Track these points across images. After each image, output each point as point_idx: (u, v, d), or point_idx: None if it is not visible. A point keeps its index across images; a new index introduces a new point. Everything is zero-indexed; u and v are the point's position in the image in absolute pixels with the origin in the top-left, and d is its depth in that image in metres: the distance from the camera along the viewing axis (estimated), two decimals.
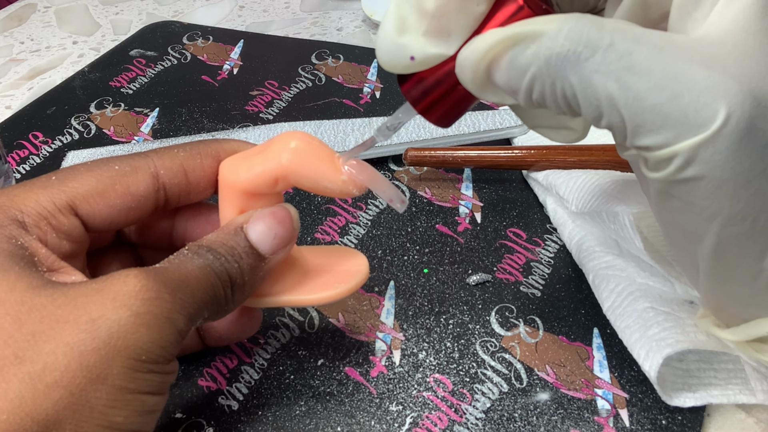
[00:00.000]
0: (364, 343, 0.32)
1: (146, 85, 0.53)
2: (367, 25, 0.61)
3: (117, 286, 0.21)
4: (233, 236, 0.25)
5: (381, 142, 0.25)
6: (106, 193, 0.25)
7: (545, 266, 0.35)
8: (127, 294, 0.21)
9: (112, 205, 0.25)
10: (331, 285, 0.27)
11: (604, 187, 0.33)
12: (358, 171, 0.25)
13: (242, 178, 0.26)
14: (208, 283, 0.23)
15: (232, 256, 0.24)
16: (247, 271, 0.25)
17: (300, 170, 0.25)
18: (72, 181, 0.25)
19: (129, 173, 0.25)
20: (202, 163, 0.27)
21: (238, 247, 0.25)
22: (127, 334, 0.21)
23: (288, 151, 0.25)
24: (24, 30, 0.66)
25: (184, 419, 0.29)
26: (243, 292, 0.25)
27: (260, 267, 0.25)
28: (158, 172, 0.26)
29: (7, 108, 0.54)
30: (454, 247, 0.37)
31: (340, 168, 0.25)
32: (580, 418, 0.28)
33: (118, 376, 0.20)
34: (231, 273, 0.24)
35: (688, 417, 0.28)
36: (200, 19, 0.65)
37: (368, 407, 0.29)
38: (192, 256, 0.24)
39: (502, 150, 0.39)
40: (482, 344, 0.32)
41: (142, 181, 0.26)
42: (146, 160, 0.26)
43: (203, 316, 0.24)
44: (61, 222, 0.24)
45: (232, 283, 0.24)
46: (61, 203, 0.24)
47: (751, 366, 0.27)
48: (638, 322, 0.29)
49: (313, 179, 0.25)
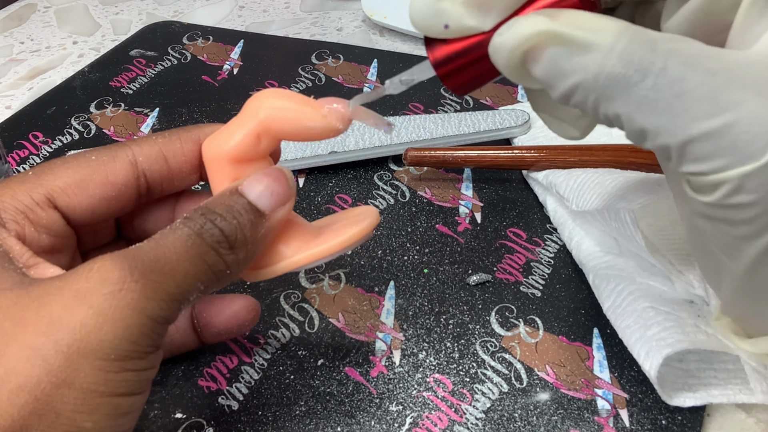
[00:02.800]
0: (364, 343, 0.32)
1: (146, 85, 0.53)
2: (367, 25, 0.61)
3: (79, 283, 0.20)
4: (230, 197, 0.24)
5: (391, 92, 0.25)
6: (84, 184, 0.25)
7: (545, 266, 0.35)
8: (89, 290, 0.20)
9: (91, 195, 0.25)
10: (341, 232, 0.26)
11: (605, 184, 0.33)
12: (339, 105, 0.24)
13: (225, 148, 0.25)
14: (195, 252, 0.22)
15: (229, 213, 0.23)
16: (248, 227, 0.23)
17: (279, 118, 0.24)
18: (49, 174, 0.24)
19: (106, 162, 0.25)
20: (182, 148, 0.26)
21: (236, 205, 0.23)
22: (90, 333, 0.20)
23: (263, 106, 0.24)
24: (24, 30, 0.66)
25: (184, 419, 0.29)
26: (245, 251, 0.24)
27: (261, 224, 0.24)
28: (136, 159, 0.26)
29: (7, 108, 0.54)
30: (454, 247, 0.37)
31: (320, 106, 0.24)
32: (580, 418, 0.28)
33: (86, 378, 0.19)
34: (227, 231, 0.23)
35: (688, 417, 0.28)
36: (200, 19, 0.65)
37: (368, 407, 0.29)
38: (178, 226, 0.22)
39: (502, 150, 0.39)
40: (482, 344, 0.32)
41: (120, 169, 0.25)
42: (124, 148, 0.26)
43: (197, 289, 0.22)
44: (39, 216, 0.24)
45: (231, 242, 0.23)
46: (39, 197, 0.24)
47: (751, 366, 0.27)
48: (638, 321, 0.29)
49: (293, 123, 0.24)
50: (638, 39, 0.18)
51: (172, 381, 0.31)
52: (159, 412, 0.30)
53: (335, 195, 0.41)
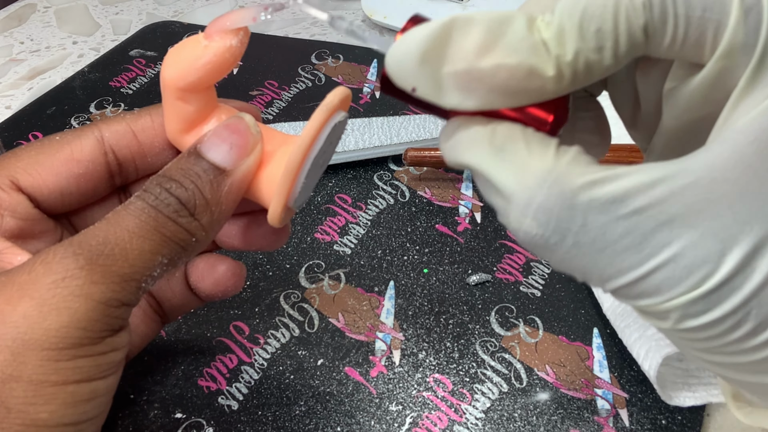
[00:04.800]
0: (364, 343, 0.32)
1: (146, 85, 0.53)
2: (367, 25, 0.61)
3: (22, 276, 0.20)
4: (187, 159, 0.23)
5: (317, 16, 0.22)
6: (48, 162, 0.24)
7: (545, 266, 0.35)
8: (31, 282, 0.20)
9: (56, 173, 0.24)
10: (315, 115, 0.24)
11: None
12: (217, 24, 0.23)
13: (168, 127, 0.25)
14: (150, 226, 0.21)
15: (186, 177, 0.22)
16: (208, 189, 0.22)
17: (177, 74, 0.23)
18: (11, 158, 0.24)
19: (71, 140, 0.25)
20: (152, 123, 0.26)
21: (194, 167, 0.23)
22: (35, 325, 0.19)
23: (162, 75, 0.24)
24: (24, 30, 0.66)
25: (184, 419, 0.29)
26: (209, 213, 0.23)
27: (223, 181, 0.23)
28: (103, 135, 0.25)
29: (7, 108, 0.54)
30: (454, 247, 0.37)
31: (203, 37, 0.23)
32: (579, 418, 0.28)
33: (34, 370, 0.19)
34: (184, 197, 0.22)
35: (688, 417, 0.28)
36: (200, 19, 0.65)
37: (368, 407, 0.29)
38: (132, 201, 0.22)
39: None
40: (482, 344, 0.32)
41: (86, 145, 0.25)
42: (90, 127, 0.25)
43: (159, 264, 0.22)
44: (1, 198, 0.23)
45: (190, 208, 0.22)
46: (1, 180, 0.24)
47: None
48: (638, 321, 0.29)
49: (190, 71, 0.23)
50: (557, 191, 0.16)
51: (172, 381, 0.31)
52: (159, 412, 0.30)
53: (335, 195, 0.41)
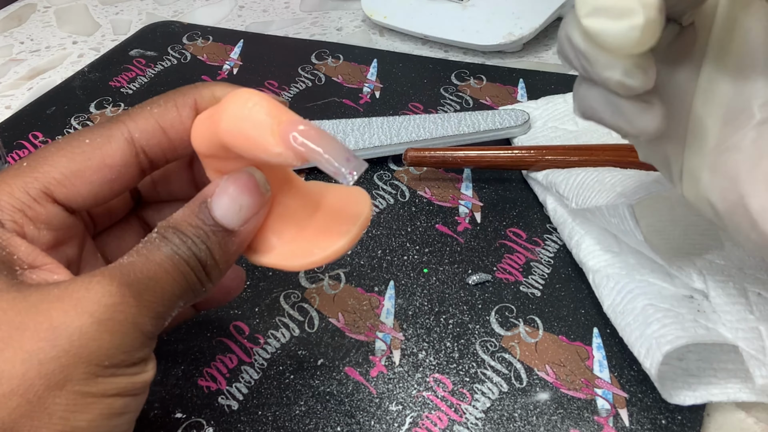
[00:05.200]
0: (364, 343, 0.32)
1: (146, 85, 0.53)
2: (367, 24, 0.61)
3: (80, 293, 0.21)
4: (199, 213, 0.23)
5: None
6: (81, 172, 0.24)
7: (545, 266, 0.35)
8: (90, 300, 0.21)
9: (90, 182, 0.24)
10: (331, 237, 0.24)
11: (604, 182, 0.33)
12: (307, 138, 0.21)
13: (201, 146, 0.24)
14: (178, 273, 0.22)
15: (198, 237, 0.23)
16: (217, 250, 0.23)
17: (235, 140, 0.22)
18: (43, 165, 0.24)
19: (102, 144, 0.24)
20: (179, 116, 0.25)
21: (204, 226, 0.23)
22: (89, 341, 0.20)
23: (228, 114, 0.22)
24: (24, 30, 0.66)
25: (184, 419, 0.29)
26: (218, 271, 0.24)
27: (230, 242, 0.24)
28: (133, 136, 0.24)
29: (7, 108, 0.54)
30: (454, 247, 0.37)
31: (281, 137, 0.21)
32: (579, 418, 0.28)
33: (78, 381, 0.20)
34: (200, 256, 0.23)
35: (688, 417, 0.28)
36: (200, 19, 0.65)
37: (368, 407, 0.29)
38: (159, 244, 0.22)
39: (502, 150, 0.39)
40: (482, 344, 0.32)
41: (117, 150, 0.24)
42: (118, 125, 0.24)
43: (178, 307, 0.23)
44: (38, 212, 0.23)
45: (203, 265, 0.23)
46: (35, 192, 0.23)
47: (750, 353, 0.27)
48: (638, 319, 0.29)
49: (247, 150, 0.22)
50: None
51: (172, 381, 0.31)
52: (159, 412, 0.30)
53: None
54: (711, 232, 0.33)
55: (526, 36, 0.53)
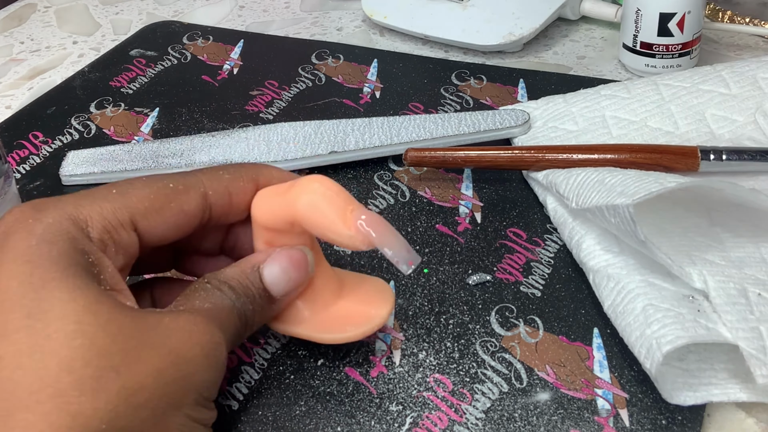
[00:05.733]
0: (364, 343, 0.32)
1: (146, 85, 0.53)
2: (367, 25, 0.61)
3: (189, 325, 0.23)
4: (249, 275, 0.26)
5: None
6: (163, 211, 0.26)
7: (545, 266, 0.35)
8: (199, 333, 0.23)
9: (166, 221, 0.26)
10: (356, 322, 0.29)
11: (604, 182, 0.33)
12: (371, 226, 0.25)
13: (264, 218, 0.27)
14: (232, 322, 0.25)
15: (247, 297, 0.26)
16: (258, 312, 0.26)
17: (310, 220, 0.26)
18: (132, 196, 0.25)
19: (182, 192, 0.26)
20: (244, 187, 0.28)
21: (252, 288, 0.26)
22: (200, 371, 0.23)
23: (303, 200, 0.26)
24: (24, 30, 0.66)
25: None
26: (252, 329, 0.27)
27: (270, 308, 0.27)
28: (207, 192, 0.27)
29: (7, 108, 0.54)
30: (454, 247, 0.37)
31: (351, 221, 0.25)
32: (580, 418, 0.28)
33: (189, 406, 0.22)
34: (245, 313, 0.26)
35: (688, 417, 0.28)
36: (200, 19, 0.65)
37: (368, 407, 0.29)
38: (222, 295, 0.25)
39: (502, 150, 0.39)
40: (482, 344, 0.32)
41: (193, 200, 0.26)
42: (196, 179, 0.27)
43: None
44: (122, 237, 0.25)
45: (245, 321, 0.26)
46: (124, 218, 0.25)
47: (750, 352, 0.27)
48: (638, 320, 0.29)
49: (320, 230, 0.26)
50: None
51: None
52: None
53: None
54: (711, 232, 0.33)
55: (526, 36, 0.53)
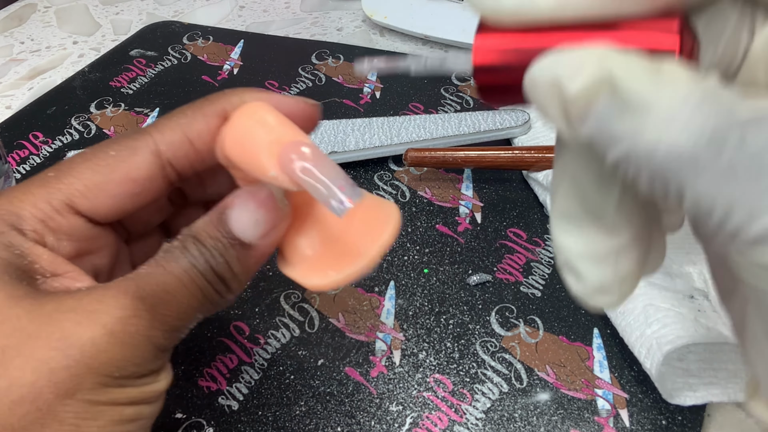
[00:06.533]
0: (364, 343, 0.32)
1: (146, 85, 0.53)
2: (367, 25, 0.61)
3: (93, 304, 0.21)
4: (218, 224, 0.23)
5: (409, 69, 0.20)
6: (104, 185, 0.23)
7: (545, 266, 0.35)
8: (103, 312, 0.21)
9: (113, 195, 0.23)
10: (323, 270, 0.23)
11: None
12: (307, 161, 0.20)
13: (221, 157, 0.23)
14: (195, 286, 0.22)
15: (216, 250, 0.23)
16: (235, 263, 0.23)
17: (237, 156, 0.22)
18: (68, 176, 0.23)
19: (127, 157, 0.23)
20: (207, 126, 0.24)
21: (222, 239, 0.23)
22: (100, 352, 0.20)
23: (229, 131, 0.22)
24: (24, 30, 0.66)
25: (184, 419, 0.29)
26: (238, 283, 0.23)
27: (249, 255, 0.23)
28: (159, 148, 0.24)
29: (7, 108, 0.54)
30: (454, 247, 0.37)
31: (279, 159, 0.21)
32: (580, 418, 0.28)
33: (87, 391, 0.20)
34: (218, 269, 0.23)
35: (688, 417, 0.28)
36: (200, 19, 0.65)
37: (368, 407, 0.29)
38: (179, 255, 0.22)
39: (502, 150, 0.39)
40: (482, 344, 0.32)
41: (142, 163, 0.24)
42: (145, 137, 0.24)
43: (196, 319, 0.23)
44: (59, 223, 0.23)
45: (222, 278, 0.23)
46: (58, 203, 0.23)
47: None
48: (638, 319, 0.29)
49: (244, 166, 0.22)
50: (711, 101, 0.13)
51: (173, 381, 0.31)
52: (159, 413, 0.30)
53: None
54: None
55: None
